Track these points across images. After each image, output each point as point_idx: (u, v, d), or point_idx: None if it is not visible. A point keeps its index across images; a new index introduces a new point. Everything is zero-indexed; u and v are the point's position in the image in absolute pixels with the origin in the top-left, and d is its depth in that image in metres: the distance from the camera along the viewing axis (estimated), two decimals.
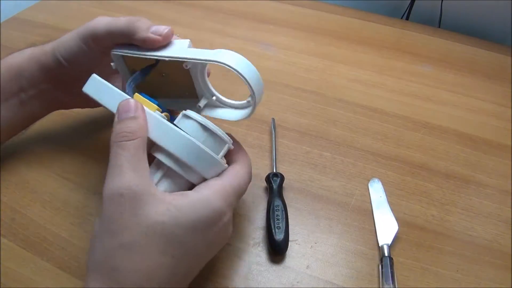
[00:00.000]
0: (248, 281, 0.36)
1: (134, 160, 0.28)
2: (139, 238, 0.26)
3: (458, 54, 0.63)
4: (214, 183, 0.31)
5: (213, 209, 0.29)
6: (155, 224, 0.26)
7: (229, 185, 0.31)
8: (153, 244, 0.26)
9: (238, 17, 0.69)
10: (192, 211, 0.28)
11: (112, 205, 0.27)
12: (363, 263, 0.38)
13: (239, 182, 0.32)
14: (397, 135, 0.50)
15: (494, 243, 0.40)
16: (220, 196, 0.30)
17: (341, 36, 0.66)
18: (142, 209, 0.26)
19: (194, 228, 0.28)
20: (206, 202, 0.29)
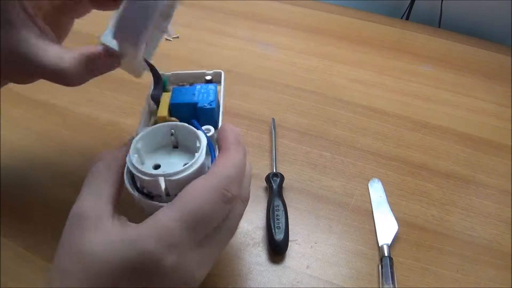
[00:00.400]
0: (248, 281, 0.36)
1: (96, 182, 0.26)
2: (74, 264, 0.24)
3: (458, 54, 0.63)
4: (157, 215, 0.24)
5: (140, 251, 0.23)
6: (89, 254, 0.23)
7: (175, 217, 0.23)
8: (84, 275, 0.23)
9: (238, 17, 0.69)
10: (122, 250, 0.23)
11: (66, 225, 0.25)
12: (363, 263, 0.38)
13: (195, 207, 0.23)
14: (397, 135, 0.50)
15: (494, 243, 0.40)
16: (155, 235, 0.23)
17: (341, 36, 0.66)
18: (82, 235, 0.24)
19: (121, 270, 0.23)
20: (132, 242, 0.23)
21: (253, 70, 0.58)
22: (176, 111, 0.31)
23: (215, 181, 0.24)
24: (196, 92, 0.31)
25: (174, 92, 0.32)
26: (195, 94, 0.31)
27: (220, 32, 0.65)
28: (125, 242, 0.23)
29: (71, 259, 0.24)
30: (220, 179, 0.24)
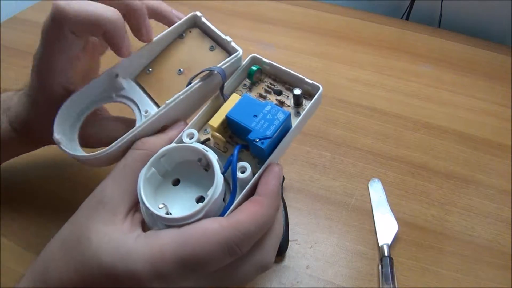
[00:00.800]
0: None
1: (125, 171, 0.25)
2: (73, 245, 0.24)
3: (458, 54, 0.63)
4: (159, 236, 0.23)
5: (129, 268, 0.22)
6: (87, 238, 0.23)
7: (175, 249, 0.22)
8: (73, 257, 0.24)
9: (238, 17, 0.69)
10: (113, 254, 0.23)
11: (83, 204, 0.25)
12: (363, 263, 0.38)
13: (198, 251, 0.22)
14: (397, 135, 0.50)
15: (494, 243, 0.40)
16: (149, 258, 0.22)
17: (341, 36, 0.66)
18: (93, 223, 0.24)
19: (107, 276, 0.23)
20: (126, 254, 0.22)
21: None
22: (230, 124, 0.27)
23: (229, 235, 0.22)
24: (260, 114, 0.26)
25: (240, 100, 0.27)
26: (258, 116, 0.26)
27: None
28: (118, 249, 0.23)
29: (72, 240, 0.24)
30: (236, 234, 0.22)
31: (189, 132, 0.27)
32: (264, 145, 0.25)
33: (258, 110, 0.26)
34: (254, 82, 0.30)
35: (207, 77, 0.29)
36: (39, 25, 0.31)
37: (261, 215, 0.23)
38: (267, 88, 0.30)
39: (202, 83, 0.29)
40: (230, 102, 0.27)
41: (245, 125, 0.26)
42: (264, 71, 0.30)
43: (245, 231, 0.22)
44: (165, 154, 0.26)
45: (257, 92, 0.30)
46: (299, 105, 0.28)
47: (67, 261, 0.24)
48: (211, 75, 0.29)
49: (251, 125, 0.26)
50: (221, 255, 0.22)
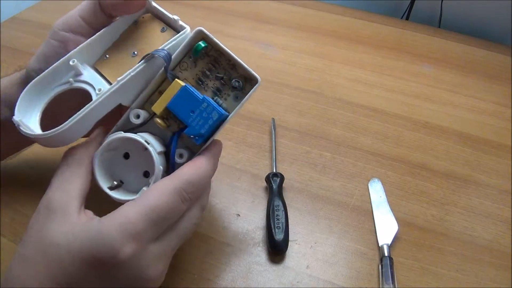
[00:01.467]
0: (248, 281, 0.36)
1: (65, 176, 0.27)
2: (37, 254, 0.25)
3: (458, 54, 0.63)
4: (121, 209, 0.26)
5: (101, 241, 0.24)
6: (52, 244, 0.25)
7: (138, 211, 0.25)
8: (46, 265, 0.25)
9: (238, 17, 0.69)
10: (84, 240, 0.24)
11: (34, 215, 0.27)
12: (363, 263, 0.38)
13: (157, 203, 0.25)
14: (397, 135, 0.50)
15: (494, 243, 0.40)
16: (118, 225, 0.24)
17: (341, 36, 0.66)
18: (48, 226, 0.25)
19: (81, 260, 0.24)
20: (94, 233, 0.24)
21: (253, 70, 0.58)
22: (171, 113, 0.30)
23: (177, 183, 0.26)
24: (197, 110, 0.29)
25: (180, 92, 0.29)
26: (194, 112, 0.29)
27: (220, 32, 0.65)
28: (87, 233, 0.25)
29: (35, 248, 0.25)
30: (182, 183, 0.27)
31: (135, 113, 0.30)
32: (199, 142, 0.29)
33: (196, 106, 0.29)
34: (197, 56, 0.31)
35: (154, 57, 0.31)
36: (39, 25, 0.31)
37: (201, 167, 0.28)
38: (209, 66, 0.31)
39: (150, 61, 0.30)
40: (172, 89, 0.29)
41: (183, 119, 0.29)
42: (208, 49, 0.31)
43: (189, 178, 0.27)
44: (111, 143, 0.29)
45: (200, 69, 0.31)
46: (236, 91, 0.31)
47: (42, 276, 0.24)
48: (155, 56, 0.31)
49: (188, 120, 0.29)
50: (176, 202, 0.26)
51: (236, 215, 0.41)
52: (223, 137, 0.48)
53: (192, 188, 0.27)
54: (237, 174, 0.44)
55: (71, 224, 0.25)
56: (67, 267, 0.24)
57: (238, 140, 0.48)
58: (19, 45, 0.60)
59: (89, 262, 0.24)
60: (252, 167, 0.45)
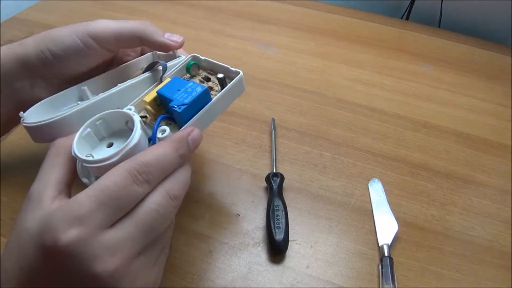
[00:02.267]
0: (248, 281, 0.36)
1: (44, 167, 0.27)
2: (14, 239, 0.25)
3: (458, 54, 0.63)
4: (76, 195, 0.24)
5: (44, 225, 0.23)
6: (24, 230, 0.25)
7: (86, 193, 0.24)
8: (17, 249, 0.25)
9: (238, 17, 0.69)
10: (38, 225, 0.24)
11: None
12: (363, 263, 0.38)
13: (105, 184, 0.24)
14: (397, 135, 0.50)
15: (494, 243, 0.40)
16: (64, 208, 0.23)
17: (341, 36, 0.66)
18: (24, 213, 0.25)
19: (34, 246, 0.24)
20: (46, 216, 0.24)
21: (253, 70, 0.58)
22: (161, 100, 0.33)
23: (129, 164, 0.25)
24: (182, 88, 0.32)
25: (170, 81, 0.33)
26: (180, 90, 0.31)
27: (220, 32, 0.65)
28: (42, 219, 0.24)
29: (13, 234, 0.26)
30: (135, 163, 0.25)
31: (128, 107, 0.31)
32: (181, 110, 0.30)
33: (182, 86, 0.32)
34: (193, 76, 0.36)
35: (153, 70, 0.36)
36: (39, 25, 0.31)
37: (156, 150, 0.27)
38: (201, 79, 0.36)
39: (149, 74, 0.35)
40: (163, 83, 0.33)
41: (169, 96, 0.31)
42: (202, 67, 0.37)
43: (143, 160, 0.25)
44: (101, 118, 0.29)
45: None
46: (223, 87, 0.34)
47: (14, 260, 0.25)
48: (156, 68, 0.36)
49: (173, 96, 0.31)
50: (127, 182, 0.24)
51: (236, 215, 0.41)
52: (223, 137, 0.48)
53: (146, 168, 0.25)
54: (237, 174, 0.44)
55: (41, 210, 0.25)
56: (27, 252, 0.24)
57: (238, 140, 0.48)
58: None
59: (39, 248, 0.23)
60: (252, 167, 0.45)
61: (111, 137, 0.31)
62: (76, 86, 0.35)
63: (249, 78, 0.57)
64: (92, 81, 0.36)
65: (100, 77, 0.36)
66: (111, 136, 0.31)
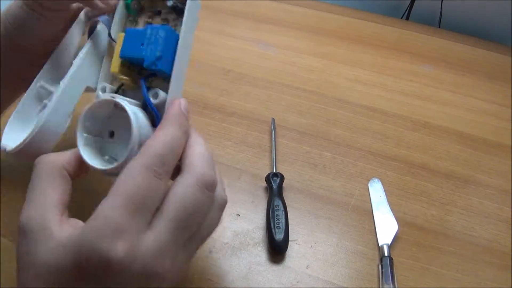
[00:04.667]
0: (248, 281, 0.36)
1: (36, 189, 0.25)
2: (32, 279, 0.23)
3: (458, 54, 0.63)
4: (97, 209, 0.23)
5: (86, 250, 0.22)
6: (43, 266, 0.23)
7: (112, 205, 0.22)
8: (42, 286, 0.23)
9: (238, 17, 0.69)
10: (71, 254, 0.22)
11: (18, 239, 0.24)
12: (363, 263, 0.38)
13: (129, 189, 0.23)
14: (397, 135, 0.50)
15: (494, 243, 0.40)
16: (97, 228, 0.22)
17: (341, 36, 0.66)
18: (35, 248, 0.23)
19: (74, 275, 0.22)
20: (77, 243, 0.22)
21: (253, 70, 0.58)
22: (130, 62, 0.29)
23: (145, 161, 0.24)
24: (145, 40, 0.27)
25: (125, 37, 0.28)
26: (144, 43, 0.27)
27: (220, 32, 0.65)
28: (71, 245, 0.22)
29: (29, 275, 0.23)
30: (150, 157, 0.24)
31: (100, 86, 0.29)
32: (159, 66, 0.27)
33: (142, 37, 0.27)
34: (135, 14, 0.31)
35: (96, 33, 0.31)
36: None
37: (167, 135, 0.25)
38: (149, 13, 0.31)
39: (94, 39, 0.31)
40: (119, 42, 0.28)
41: (137, 56, 0.27)
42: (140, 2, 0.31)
43: (157, 151, 0.24)
44: (86, 118, 0.27)
45: (144, 21, 0.31)
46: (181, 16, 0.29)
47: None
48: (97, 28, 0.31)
49: (142, 53, 0.27)
50: (150, 180, 0.23)
51: (236, 215, 0.41)
52: (223, 137, 0.48)
53: (162, 159, 0.24)
54: (237, 174, 0.44)
55: (54, 240, 0.23)
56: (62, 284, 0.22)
57: (238, 140, 0.48)
58: None
59: (83, 276, 0.22)
60: (252, 167, 0.45)
61: (106, 125, 0.28)
62: (31, 87, 0.31)
63: (249, 78, 0.57)
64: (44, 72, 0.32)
65: (49, 63, 0.32)
66: (105, 124, 0.28)
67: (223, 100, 0.53)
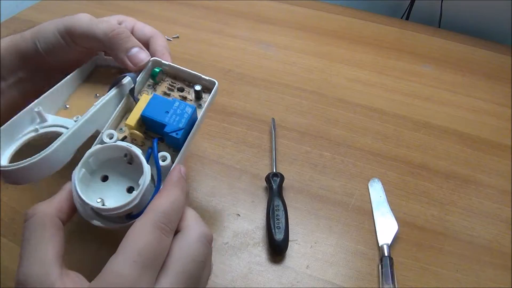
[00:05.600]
0: (248, 281, 0.36)
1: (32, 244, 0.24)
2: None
3: (458, 54, 0.63)
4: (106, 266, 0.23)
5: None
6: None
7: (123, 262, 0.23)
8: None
9: (238, 17, 0.69)
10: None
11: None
12: (363, 263, 0.38)
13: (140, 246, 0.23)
14: (397, 135, 0.50)
15: (494, 243, 0.40)
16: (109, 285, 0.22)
17: (341, 36, 0.66)
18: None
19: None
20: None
21: (253, 70, 0.58)
22: (146, 122, 0.31)
23: (153, 218, 0.25)
24: (171, 110, 0.30)
25: (151, 101, 0.31)
26: (169, 112, 0.30)
27: (220, 32, 0.65)
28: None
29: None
30: (158, 215, 0.25)
31: (108, 132, 0.30)
32: (179, 135, 0.30)
33: (168, 106, 0.30)
34: (157, 82, 0.34)
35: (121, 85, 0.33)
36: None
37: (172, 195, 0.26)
38: (169, 86, 0.34)
39: (118, 89, 0.32)
40: (142, 102, 0.31)
41: (160, 121, 0.30)
42: (164, 72, 0.34)
43: (164, 210, 0.25)
44: (93, 155, 0.28)
45: (161, 90, 0.34)
46: (200, 99, 0.33)
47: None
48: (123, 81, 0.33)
49: (165, 120, 0.30)
50: (159, 237, 0.24)
51: (236, 215, 0.41)
52: (223, 137, 0.48)
53: (169, 217, 0.25)
54: (237, 174, 0.44)
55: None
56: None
57: (238, 140, 0.48)
58: None
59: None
60: (252, 167, 0.45)
61: (100, 168, 0.29)
62: (27, 109, 0.32)
63: (249, 78, 0.57)
64: (42, 100, 0.33)
65: (50, 92, 0.34)
66: (100, 167, 0.29)
67: (223, 100, 0.53)
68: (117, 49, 0.33)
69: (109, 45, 0.33)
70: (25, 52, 0.35)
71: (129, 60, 0.33)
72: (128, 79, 0.32)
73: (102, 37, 0.33)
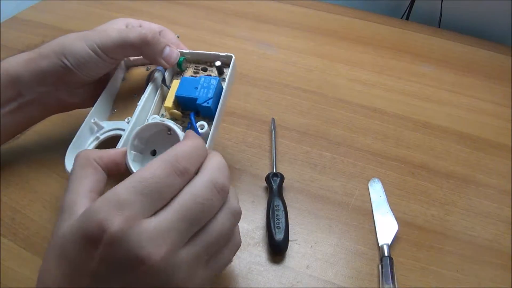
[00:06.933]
0: (248, 281, 0.36)
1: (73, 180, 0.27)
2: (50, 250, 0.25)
3: (458, 54, 0.63)
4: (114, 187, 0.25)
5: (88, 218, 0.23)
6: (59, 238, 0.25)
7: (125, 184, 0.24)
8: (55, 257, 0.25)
9: (238, 17, 0.69)
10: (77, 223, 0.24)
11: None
12: (363, 263, 0.38)
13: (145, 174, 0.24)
14: (397, 135, 0.50)
15: (494, 243, 0.40)
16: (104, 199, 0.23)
17: (341, 36, 0.66)
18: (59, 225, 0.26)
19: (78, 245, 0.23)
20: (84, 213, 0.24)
21: (253, 70, 0.58)
22: (181, 102, 0.36)
23: (168, 155, 0.26)
24: (199, 85, 0.35)
25: (181, 82, 0.36)
26: (198, 87, 0.35)
27: (220, 32, 0.65)
28: (81, 216, 0.24)
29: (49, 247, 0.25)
30: (173, 153, 0.26)
31: (152, 117, 0.36)
32: (210, 104, 0.34)
33: (196, 83, 0.35)
34: (183, 70, 0.39)
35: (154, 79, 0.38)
36: (39, 25, 0.31)
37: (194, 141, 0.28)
38: (194, 69, 0.39)
39: (152, 84, 0.38)
40: (174, 87, 0.36)
41: (192, 96, 0.35)
42: (187, 59, 0.39)
43: (180, 149, 0.26)
44: (137, 136, 0.31)
45: (189, 75, 0.39)
46: (222, 73, 0.38)
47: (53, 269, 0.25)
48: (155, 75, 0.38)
49: (195, 94, 0.35)
50: (166, 172, 0.24)
51: None
52: (223, 137, 0.48)
53: (183, 160, 0.25)
54: (237, 174, 0.44)
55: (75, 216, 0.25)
56: (69, 254, 0.24)
57: (238, 140, 0.48)
58: (19, 45, 0.60)
59: (84, 244, 0.23)
60: (252, 167, 0.45)
61: (147, 145, 0.32)
62: (85, 122, 0.38)
63: (249, 78, 0.57)
64: (95, 110, 0.39)
65: (99, 102, 0.40)
66: (147, 145, 0.32)
67: None
68: (153, 53, 0.37)
69: (146, 51, 0.37)
70: (47, 69, 0.37)
71: (164, 61, 0.38)
72: (159, 73, 0.38)
73: (139, 45, 0.37)
